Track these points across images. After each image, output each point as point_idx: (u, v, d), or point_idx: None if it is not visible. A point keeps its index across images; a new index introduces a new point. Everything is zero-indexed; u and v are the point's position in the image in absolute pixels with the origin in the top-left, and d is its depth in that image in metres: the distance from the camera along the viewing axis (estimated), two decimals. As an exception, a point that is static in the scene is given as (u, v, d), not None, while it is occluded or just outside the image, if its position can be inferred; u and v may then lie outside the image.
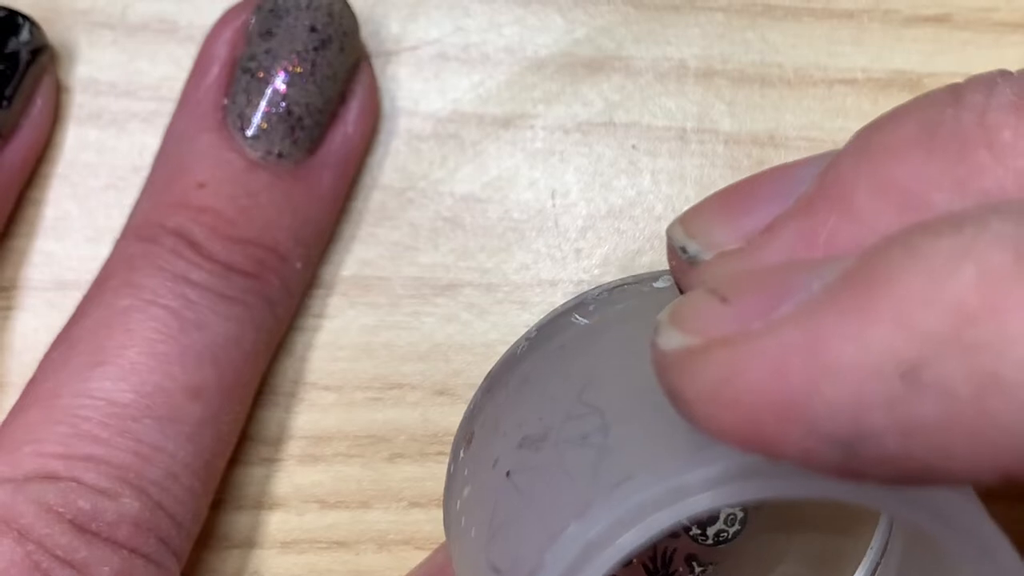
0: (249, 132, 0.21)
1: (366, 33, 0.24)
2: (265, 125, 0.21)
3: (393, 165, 0.24)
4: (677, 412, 0.12)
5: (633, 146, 0.24)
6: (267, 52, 0.21)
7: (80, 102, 0.23)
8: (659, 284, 0.18)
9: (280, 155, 0.21)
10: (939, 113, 0.13)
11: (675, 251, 0.15)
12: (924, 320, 0.11)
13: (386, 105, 0.24)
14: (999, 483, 0.11)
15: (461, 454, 0.18)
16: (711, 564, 0.22)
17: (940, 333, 0.10)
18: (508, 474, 0.15)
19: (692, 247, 0.15)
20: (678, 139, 0.24)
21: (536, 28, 0.25)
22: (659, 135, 0.24)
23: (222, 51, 0.22)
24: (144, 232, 0.20)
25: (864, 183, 0.13)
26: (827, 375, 0.11)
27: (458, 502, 0.17)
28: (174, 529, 0.19)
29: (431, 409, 0.23)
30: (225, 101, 0.21)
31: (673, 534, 0.21)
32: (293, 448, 0.23)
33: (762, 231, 0.14)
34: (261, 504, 0.23)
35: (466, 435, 0.19)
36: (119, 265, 0.20)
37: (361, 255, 0.24)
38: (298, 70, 0.21)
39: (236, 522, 0.23)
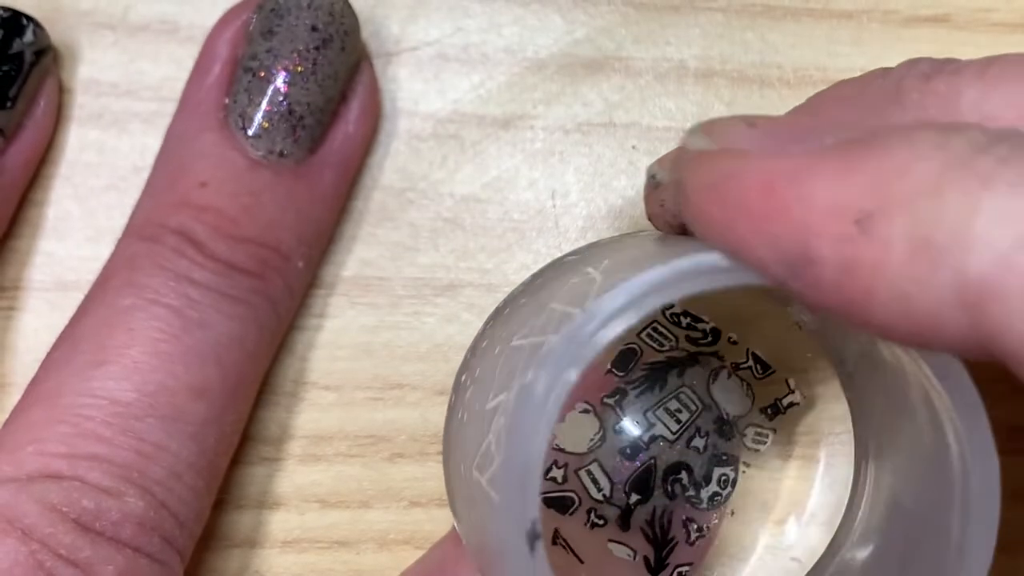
0: (251, 131, 0.21)
1: (367, 34, 0.24)
2: (267, 124, 0.21)
3: (393, 166, 0.24)
4: (681, 206, 0.16)
5: (633, 146, 0.25)
6: (268, 51, 0.21)
7: (81, 103, 0.24)
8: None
9: (282, 154, 0.21)
10: (871, 81, 0.17)
11: (648, 182, 0.19)
12: (894, 186, 0.13)
13: (386, 106, 0.24)
14: (910, 342, 0.13)
15: (463, 379, 0.19)
16: (705, 527, 0.22)
17: (900, 197, 0.12)
18: (512, 339, 0.17)
19: (661, 174, 0.19)
20: (678, 139, 0.25)
21: (536, 29, 0.25)
22: (659, 135, 0.25)
23: (223, 50, 0.22)
24: (146, 231, 0.20)
25: (812, 119, 0.17)
26: (799, 201, 0.13)
27: (462, 413, 0.18)
28: (177, 528, 0.19)
29: (431, 409, 0.24)
30: (227, 100, 0.21)
31: (670, 495, 0.22)
32: (294, 448, 0.23)
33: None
34: (262, 503, 0.23)
35: (467, 365, 0.20)
36: (121, 264, 0.20)
37: (362, 255, 0.24)
38: (299, 69, 0.21)
39: (237, 521, 0.23)
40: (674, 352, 0.22)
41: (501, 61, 0.24)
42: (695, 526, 0.22)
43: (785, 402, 0.23)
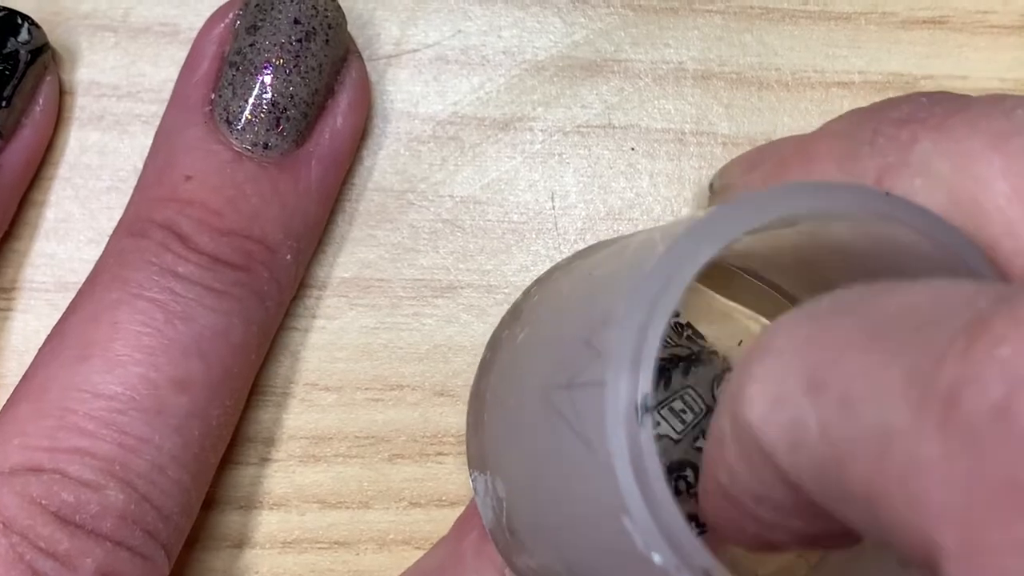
0: (235, 124, 0.21)
1: (366, 37, 0.24)
2: (251, 117, 0.21)
3: (393, 167, 0.24)
4: None
5: (632, 148, 0.25)
6: (252, 46, 0.21)
7: (82, 104, 0.24)
8: None
9: (267, 146, 0.21)
10: (858, 121, 0.18)
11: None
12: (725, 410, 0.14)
13: (386, 108, 0.24)
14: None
15: (505, 334, 0.19)
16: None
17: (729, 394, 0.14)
18: (590, 273, 0.16)
19: (716, 182, 0.21)
20: (676, 141, 0.25)
21: (535, 31, 0.25)
22: (657, 137, 0.25)
23: (210, 47, 0.22)
24: (134, 227, 0.21)
25: (804, 157, 0.19)
26: None
27: (510, 358, 0.18)
28: (161, 522, 0.19)
29: (431, 410, 0.24)
30: (213, 96, 0.21)
31: (676, 492, 0.22)
32: (294, 448, 0.23)
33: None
34: (262, 504, 0.23)
35: (514, 318, 0.19)
36: (110, 260, 0.21)
37: (361, 257, 0.24)
38: (281, 61, 0.21)
39: (236, 522, 0.23)
40: (676, 349, 0.22)
41: (500, 63, 0.25)
42: (697, 522, 0.22)
43: None
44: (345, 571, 0.23)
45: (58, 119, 0.23)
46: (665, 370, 0.22)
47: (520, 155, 0.24)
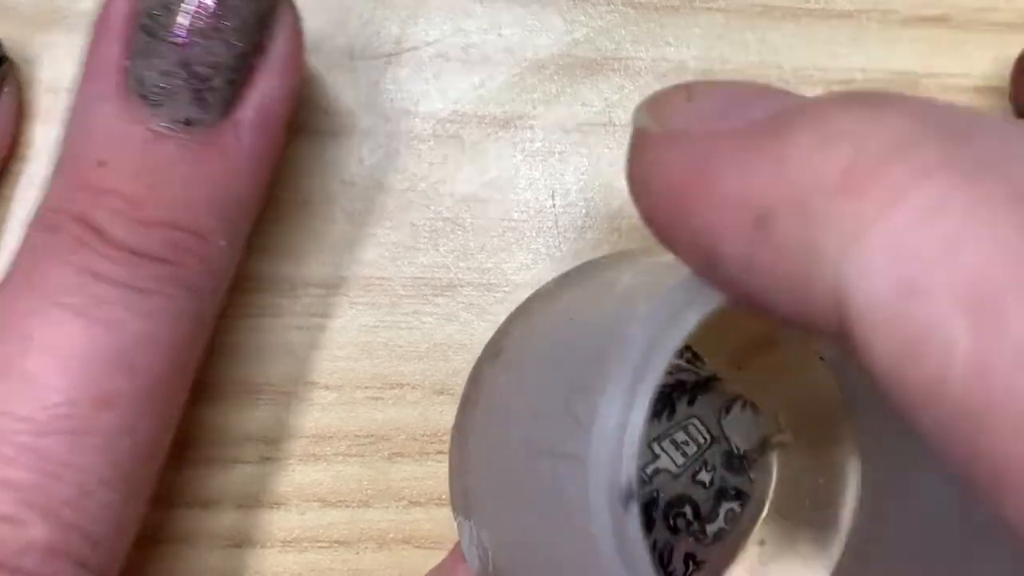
0: (150, 99, 0.18)
1: (367, 35, 0.24)
2: (167, 89, 0.18)
3: (393, 166, 0.24)
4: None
5: (632, 146, 0.25)
6: (165, 6, 0.18)
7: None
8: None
9: (188, 122, 0.18)
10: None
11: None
12: (790, 180, 0.11)
13: (386, 106, 0.24)
14: (823, 332, 0.11)
15: (486, 368, 0.19)
16: (705, 561, 0.22)
17: (795, 195, 0.11)
18: (570, 319, 0.16)
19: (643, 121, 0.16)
20: (677, 139, 0.25)
21: (536, 29, 0.25)
22: (658, 135, 0.25)
23: (122, 4, 0.19)
24: (48, 219, 0.18)
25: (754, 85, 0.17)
26: (706, 194, 0.12)
27: (496, 404, 0.18)
28: (89, 548, 0.18)
29: (431, 408, 0.24)
30: (126, 63, 0.18)
31: (674, 530, 0.21)
32: (294, 447, 0.23)
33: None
34: (262, 503, 0.23)
35: (494, 357, 0.19)
36: (22, 260, 0.18)
37: (361, 255, 0.24)
38: (199, 24, 0.18)
39: (237, 521, 0.23)
40: (681, 375, 0.22)
41: (501, 61, 0.25)
42: (695, 560, 0.21)
43: (774, 441, 0.22)
44: (345, 570, 0.23)
45: (17, 127, 0.23)
46: (668, 397, 0.21)
47: (520, 153, 0.24)
